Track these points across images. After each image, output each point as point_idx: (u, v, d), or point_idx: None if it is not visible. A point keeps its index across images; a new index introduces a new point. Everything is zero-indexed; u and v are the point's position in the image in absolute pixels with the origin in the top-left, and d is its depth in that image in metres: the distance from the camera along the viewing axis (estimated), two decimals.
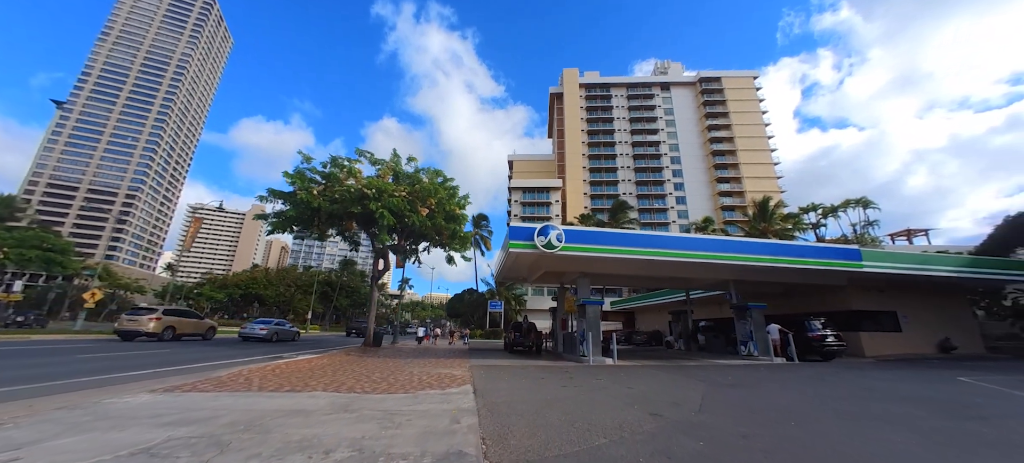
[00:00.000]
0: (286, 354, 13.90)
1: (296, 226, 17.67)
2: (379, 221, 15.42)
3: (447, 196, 18.42)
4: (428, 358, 13.98)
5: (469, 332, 45.69)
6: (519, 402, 6.05)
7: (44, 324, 27.10)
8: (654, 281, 21.25)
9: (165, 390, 6.37)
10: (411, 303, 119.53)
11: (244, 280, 65.12)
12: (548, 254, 13.91)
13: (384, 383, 7.77)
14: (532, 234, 13.82)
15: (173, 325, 17.26)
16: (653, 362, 14.46)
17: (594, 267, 16.24)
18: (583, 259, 15.29)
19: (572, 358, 15.22)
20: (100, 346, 14.26)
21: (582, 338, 14.64)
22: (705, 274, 17.52)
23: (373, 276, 19.93)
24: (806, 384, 8.64)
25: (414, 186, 17.01)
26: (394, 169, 17.66)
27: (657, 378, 9.45)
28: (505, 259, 15.19)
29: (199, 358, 11.99)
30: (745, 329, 16.34)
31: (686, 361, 15.18)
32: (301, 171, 16.21)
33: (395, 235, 20.67)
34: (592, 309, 14.65)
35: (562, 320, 19.27)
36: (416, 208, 16.96)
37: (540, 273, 17.73)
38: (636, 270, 16.78)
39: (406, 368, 10.50)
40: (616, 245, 14.48)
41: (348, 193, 15.97)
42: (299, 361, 11.38)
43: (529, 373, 10.26)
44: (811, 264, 15.72)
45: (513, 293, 49.46)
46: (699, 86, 71.90)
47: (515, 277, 20.51)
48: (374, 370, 9.92)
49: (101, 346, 14.27)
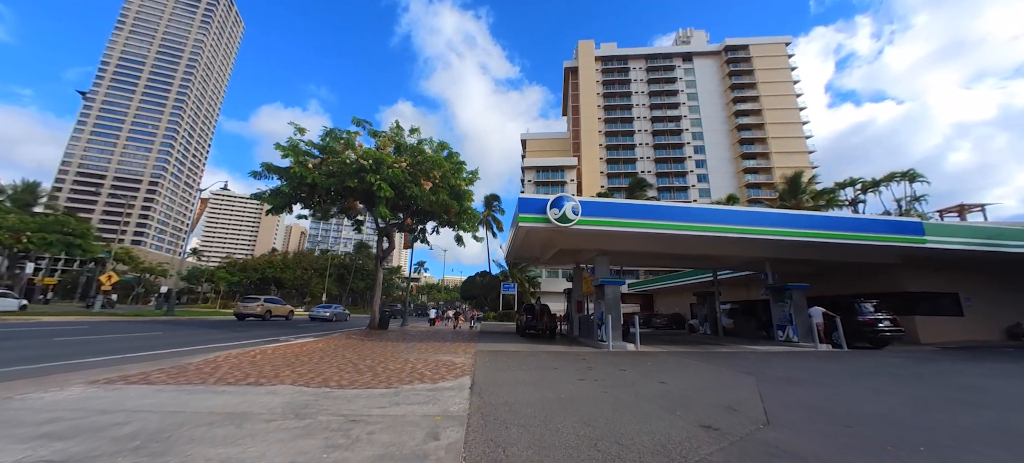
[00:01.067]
0: (291, 337, 13.09)
1: (294, 204, 16.68)
2: (377, 195, 14.23)
3: (452, 170, 17.07)
4: (433, 342, 12.92)
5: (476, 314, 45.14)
6: (524, 403, 4.76)
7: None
8: (678, 260, 19.57)
9: (105, 382, 5.37)
10: (427, 286, 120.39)
11: (262, 264, 66.13)
12: (562, 229, 12.46)
13: (368, 374, 6.63)
14: (544, 206, 12.37)
15: (270, 309, 25.11)
16: (680, 348, 13.01)
17: (613, 244, 14.72)
18: (601, 235, 13.78)
19: (589, 343, 13.91)
20: (97, 327, 13.75)
21: (600, 321, 13.28)
22: (737, 251, 15.76)
23: (378, 256, 18.96)
24: (880, 379, 7.07)
25: (416, 157, 15.69)
26: (394, 140, 16.37)
27: (692, 369, 8.02)
28: (515, 236, 13.83)
29: (221, 339, 11.33)
30: (783, 312, 14.63)
31: (716, 347, 13.66)
32: (295, 143, 15.09)
33: (400, 213, 19.57)
34: (611, 289, 13.22)
35: (578, 302, 17.92)
36: (418, 181, 15.70)
37: (554, 252, 16.33)
38: (660, 247, 15.17)
39: (403, 354, 9.40)
40: (638, 218, 12.89)
41: (344, 165, 14.80)
42: (293, 345, 10.44)
43: (540, 360, 9.01)
44: (863, 239, 13.78)
45: (527, 275, 48.34)
46: (724, 56, 67.46)
47: (527, 257, 19.18)
48: (367, 356, 8.85)
49: (99, 327, 13.76)
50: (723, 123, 64.67)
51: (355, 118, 15.79)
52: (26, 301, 24.31)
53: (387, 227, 18.72)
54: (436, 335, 16.75)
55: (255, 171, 15.35)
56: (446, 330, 21.40)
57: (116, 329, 13.80)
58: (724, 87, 66.60)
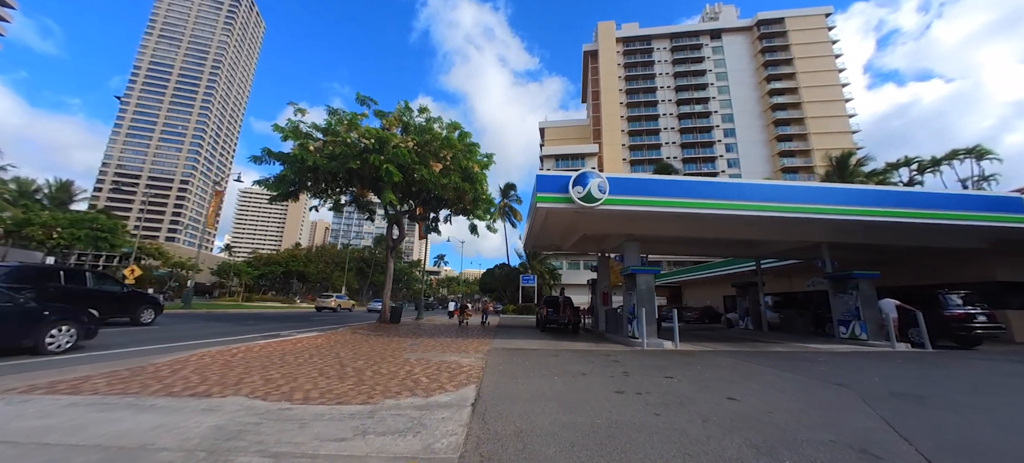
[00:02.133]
0: (304, 330, 12.15)
1: (297, 190, 15.73)
2: (384, 178, 13.02)
3: (464, 151, 15.68)
4: (443, 337, 11.68)
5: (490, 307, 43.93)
6: (544, 433, 3.33)
7: None
8: (716, 247, 17.56)
9: (24, 391, 4.30)
10: (446, 279, 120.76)
11: (285, 258, 67.27)
12: (586, 210, 10.89)
13: (351, 380, 5.37)
14: (566, 185, 10.82)
15: (341, 303, 35.55)
16: (726, 346, 11.24)
17: (644, 228, 13.01)
18: (631, 217, 12.10)
19: (618, 340, 12.33)
20: None
21: (632, 315, 11.67)
22: (786, 234, 13.72)
23: (388, 246, 17.89)
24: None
25: (424, 137, 14.39)
26: (401, 120, 15.10)
27: (763, 378, 6.37)
28: (534, 220, 12.35)
29: (222, 333, 10.57)
30: (847, 305, 12.56)
31: (769, 345, 11.80)
32: (295, 125, 14.06)
33: (410, 200, 18.40)
34: (644, 279, 11.56)
35: (604, 294, 16.30)
36: (427, 163, 14.41)
37: (576, 238, 14.74)
38: (697, 231, 13.34)
39: (404, 353, 8.15)
40: (674, 197, 11.12)
41: (346, 147, 13.67)
42: (286, 342, 9.40)
43: (564, 362, 7.55)
44: (949, 218, 11.54)
45: (547, 267, 46.81)
46: (756, 31, 63.00)
47: (547, 245, 17.66)
48: (362, 355, 7.64)
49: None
50: (755, 103, 60.54)
51: (359, 95, 14.63)
52: None
53: (397, 215, 17.61)
54: (449, 330, 15.54)
55: (255, 156, 14.47)
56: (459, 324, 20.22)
57: (124, 323, 13.27)
58: (756, 65, 62.27)
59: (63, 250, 32.63)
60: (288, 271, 64.99)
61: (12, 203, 36.42)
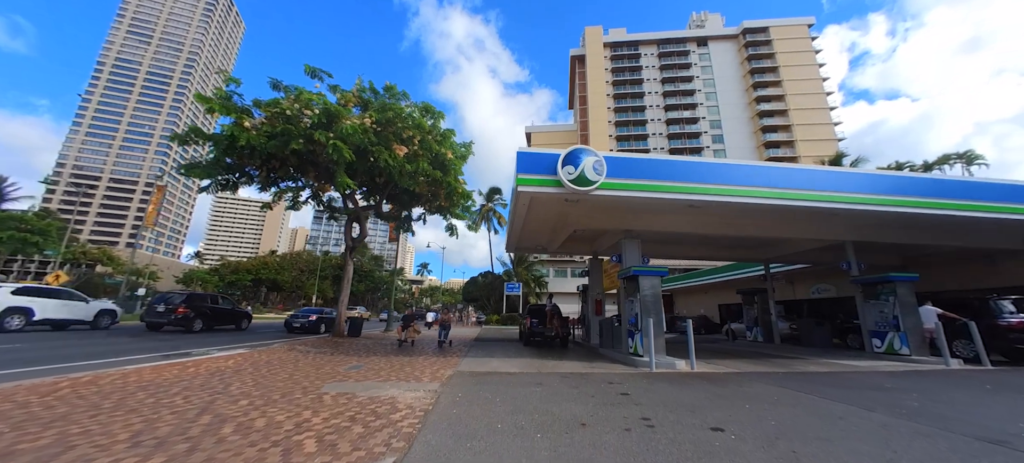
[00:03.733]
0: (227, 349, 9.47)
1: (230, 176, 13.11)
2: (332, 156, 10.57)
3: (436, 137, 13.42)
4: (398, 357, 9.23)
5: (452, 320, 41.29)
6: None
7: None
8: (720, 248, 15.59)
9: None
10: (430, 288, 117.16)
11: (256, 265, 63.17)
12: (579, 195, 8.74)
13: (206, 445, 2.95)
14: (554, 164, 8.67)
15: (363, 315, 34.14)
16: (750, 366, 9.15)
17: (646, 222, 10.93)
18: (632, 206, 10.03)
19: (617, 357, 10.11)
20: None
21: (634, 326, 9.49)
22: (807, 230, 11.86)
23: (347, 245, 15.36)
24: None
25: (385, 114, 12.04)
26: (360, 97, 12.74)
27: (853, 427, 4.23)
28: (515, 210, 10.11)
29: (127, 351, 7.65)
30: (882, 313, 10.69)
31: (799, 363, 9.78)
32: (227, 95, 11.52)
33: (375, 195, 15.96)
34: (649, 283, 9.42)
35: (597, 301, 14.12)
36: (389, 145, 12.06)
37: (566, 235, 12.56)
38: (706, 225, 11.35)
39: (328, 383, 5.73)
40: (686, 181, 9.07)
41: (289, 123, 11.23)
42: (176, 367, 6.85)
43: (551, 398, 5.26)
44: (1005, 212, 9.87)
45: (533, 274, 44.56)
46: (742, 39, 63.15)
47: (531, 245, 15.42)
48: (260, 389, 5.18)
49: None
50: (743, 110, 60.32)
51: (308, 66, 12.19)
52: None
53: (357, 210, 15.14)
54: (414, 346, 13.06)
55: (176, 134, 11.78)
56: (433, 338, 17.69)
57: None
58: (743, 72, 62.26)
59: None
60: (258, 279, 60.88)
61: None
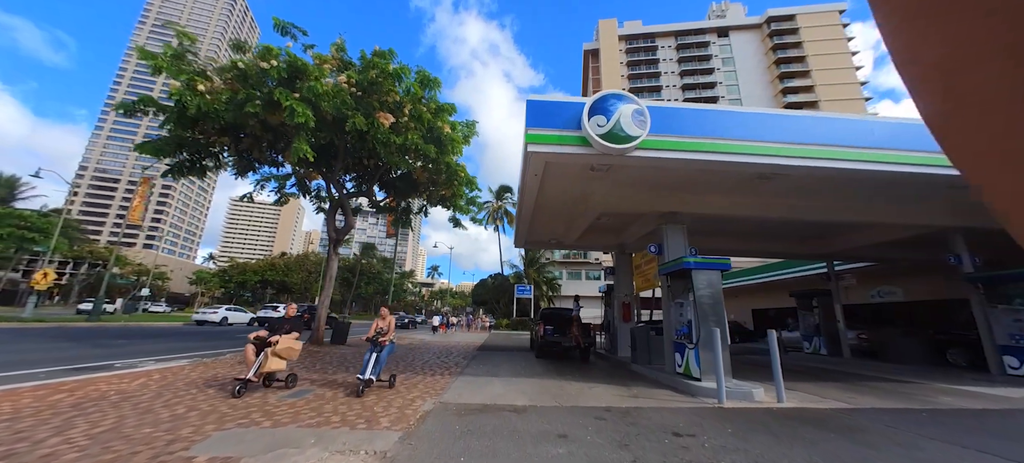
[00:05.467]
0: (183, 358, 7.40)
1: (191, 154, 11.11)
2: (287, 119, 8.39)
3: (432, 110, 11.23)
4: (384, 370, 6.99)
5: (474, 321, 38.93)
6: None
7: None
8: (780, 239, 12.80)
9: None
10: (440, 291, 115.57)
11: (263, 267, 62.35)
12: (611, 158, 6.38)
13: None
14: (578, 115, 6.34)
15: None
16: (857, 397, 6.59)
17: (693, 201, 8.47)
18: (680, 176, 7.61)
19: (660, 378, 7.63)
20: None
21: (686, 337, 7.03)
22: (896, 213, 9.18)
23: (330, 237, 13.25)
24: None
25: (367, 72, 9.87)
26: (339, 59, 10.60)
27: None
28: (525, 182, 7.76)
29: (59, 360, 5.65)
30: (1018, 323, 7.94)
31: (921, 390, 7.15)
32: (177, 53, 9.53)
33: (364, 182, 13.85)
34: (706, 280, 6.96)
35: (625, 305, 11.63)
36: (371, 113, 9.88)
37: (587, 223, 10.14)
38: (768, 206, 8.79)
39: (201, 440, 3.48)
40: (764, 140, 6.58)
41: (248, 85, 9.18)
42: (60, 389, 4.76)
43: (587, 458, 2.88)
44: None
45: (545, 276, 42.07)
46: (766, 28, 59.57)
47: (544, 236, 13.02)
48: (97, 446, 2.96)
49: None
50: (768, 102, 56.68)
51: (278, 20, 10.12)
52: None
53: (341, 198, 13.03)
54: (403, 355, 10.82)
55: (122, 102, 9.85)
56: (432, 344, 15.46)
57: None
58: (768, 62, 58.64)
59: None
60: (265, 280, 59.97)
61: None
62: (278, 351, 5.54)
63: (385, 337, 5.94)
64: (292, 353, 5.76)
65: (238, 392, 5.01)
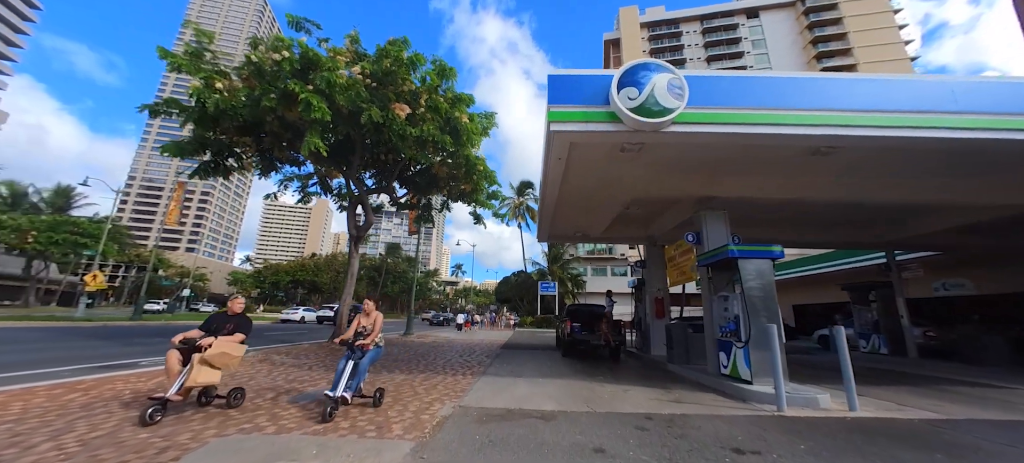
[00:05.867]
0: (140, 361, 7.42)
1: (214, 154, 11.21)
2: (302, 113, 8.17)
3: (450, 100, 10.85)
4: (389, 372, 6.64)
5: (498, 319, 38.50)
6: None
7: None
8: (821, 227, 11.61)
9: None
10: (464, 289, 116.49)
11: (294, 268, 64.57)
12: (644, 135, 5.74)
13: None
14: (606, 88, 5.72)
15: None
16: (945, 405, 5.69)
17: (735, 183, 7.65)
18: (722, 154, 6.85)
19: (703, 379, 6.90)
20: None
21: (730, 335, 6.27)
22: (977, 192, 7.98)
23: (350, 234, 13.14)
24: None
25: (381, 63, 9.57)
26: (354, 52, 10.36)
27: None
28: (548, 167, 7.18)
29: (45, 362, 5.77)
30: None
31: (1019, 396, 6.10)
32: (195, 51, 9.56)
33: (386, 178, 13.67)
34: (756, 270, 6.19)
35: (657, 300, 10.84)
36: (387, 104, 9.58)
37: (615, 212, 9.44)
38: (820, 188, 7.81)
39: (199, 445, 3.15)
40: (819, 108, 5.73)
41: (264, 80, 9.08)
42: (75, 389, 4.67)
43: None
44: None
45: (569, 273, 41.26)
46: (801, 5, 55.87)
47: (569, 230, 12.37)
48: (86, 452, 2.68)
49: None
50: None
51: (290, 16, 10.00)
52: None
53: (361, 195, 12.88)
54: (420, 355, 10.51)
55: (149, 105, 10.04)
56: (456, 342, 15.16)
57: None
58: (803, 42, 55.05)
59: (40, 254, 30.32)
60: (296, 280, 62.09)
61: (2, 207, 34.68)
62: (209, 358, 3.96)
63: (367, 339, 4.49)
64: (229, 362, 4.19)
65: (150, 417, 3.58)
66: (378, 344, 4.80)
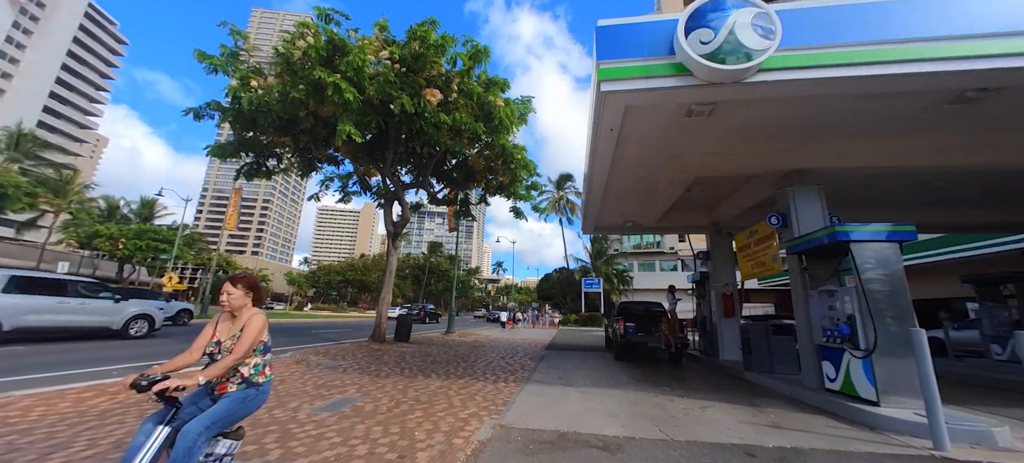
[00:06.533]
0: None
1: (257, 156, 11.37)
2: (332, 98, 7.75)
3: (483, 84, 10.14)
4: (422, 382, 6.01)
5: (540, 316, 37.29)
6: None
7: None
8: (947, 204, 9.38)
9: None
10: (506, 286, 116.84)
11: (344, 268, 67.95)
12: (721, 89, 4.54)
13: None
14: (669, 36, 4.61)
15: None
16: None
17: (832, 151, 6.16)
18: (823, 108, 5.45)
19: (800, 395, 5.55)
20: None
21: (843, 342, 4.89)
22: None
23: (387, 231, 12.86)
24: None
25: (410, 46, 9.00)
26: (382, 41, 9.89)
27: None
28: (596, 140, 6.14)
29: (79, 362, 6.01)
30: None
31: None
32: (232, 53, 9.57)
33: (422, 172, 13.28)
34: (876, 255, 4.78)
35: (726, 297, 9.36)
36: (419, 91, 9.01)
37: (674, 193, 8.13)
38: (971, 147, 6.07)
39: None
40: (966, 35, 4.23)
41: (292, 70, 8.86)
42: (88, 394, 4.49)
43: None
44: None
45: (614, 268, 39.36)
46: None
47: (617, 218, 11.17)
48: None
49: None
50: None
51: (319, 9, 9.68)
52: None
53: (397, 191, 12.54)
54: (466, 354, 9.88)
55: (192, 108, 10.29)
56: (497, 341, 14.49)
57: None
58: None
59: (129, 259, 34.05)
60: (346, 280, 65.29)
61: (102, 218, 39.43)
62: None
63: (221, 367, 2.04)
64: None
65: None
66: (251, 380, 2.18)
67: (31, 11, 53.67)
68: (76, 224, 34.02)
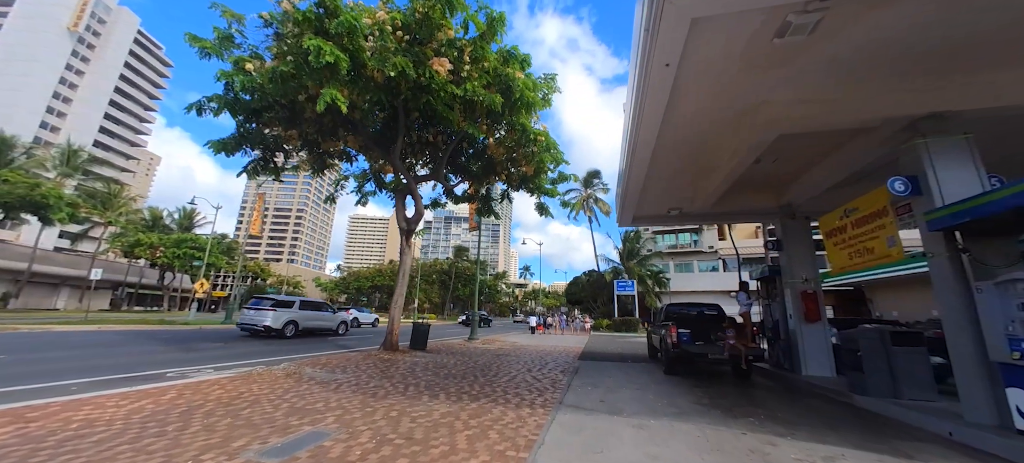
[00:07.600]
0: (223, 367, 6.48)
1: (262, 150, 10.56)
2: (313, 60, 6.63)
3: (500, 57, 8.87)
4: (432, 405, 4.68)
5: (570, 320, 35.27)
6: None
7: None
8: None
9: None
10: (533, 291, 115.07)
11: (372, 274, 68.74)
12: None
13: None
14: None
15: None
16: None
17: (981, 90, 4.30)
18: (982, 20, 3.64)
19: (964, 435, 3.74)
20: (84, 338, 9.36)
21: None
22: None
23: (401, 227, 11.73)
24: None
25: (415, 11, 7.82)
26: (385, 8, 8.76)
27: None
28: (645, 83, 4.62)
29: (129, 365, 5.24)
30: None
31: None
32: (226, 35, 8.76)
33: (434, 162, 12.15)
34: None
35: (807, 297, 7.48)
36: (424, 59, 7.82)
37: (745, 163, 6.42)
38: None
39: None
40: None
41: (285, 44, 7.90)
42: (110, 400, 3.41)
43: None
44: None
45: (648, 270, 36.79)
46: None
47: (658, 208, 9.45)
48: None
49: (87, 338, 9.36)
50: None
51: None
52: None
53: (411, 183, 11.42)
54: (486, 365, 8.49)
55: (194, 104, 9.62)
56: (525, 349, 13.03)
57: (99, 339, 9.19)
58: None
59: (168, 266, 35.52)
60: (375, 285, 65.95)
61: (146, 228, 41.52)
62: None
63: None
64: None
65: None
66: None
67: (88, 40, 58.10)
68: (122, 235, 35.85)
